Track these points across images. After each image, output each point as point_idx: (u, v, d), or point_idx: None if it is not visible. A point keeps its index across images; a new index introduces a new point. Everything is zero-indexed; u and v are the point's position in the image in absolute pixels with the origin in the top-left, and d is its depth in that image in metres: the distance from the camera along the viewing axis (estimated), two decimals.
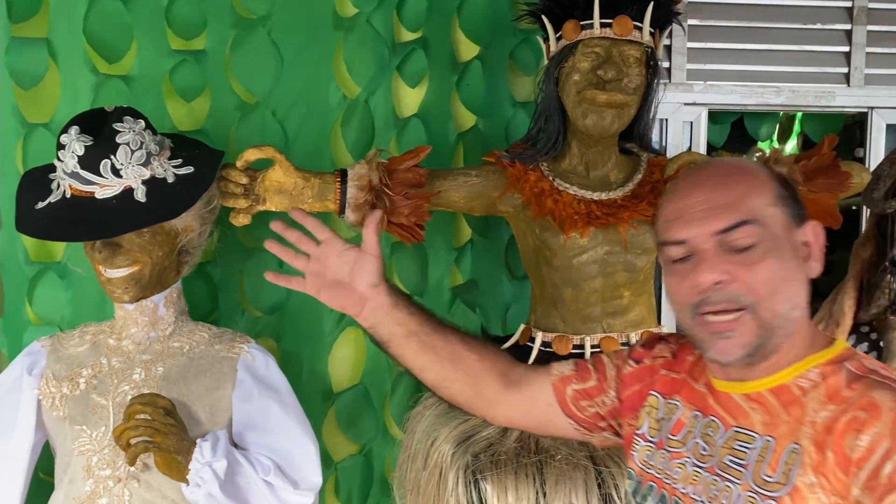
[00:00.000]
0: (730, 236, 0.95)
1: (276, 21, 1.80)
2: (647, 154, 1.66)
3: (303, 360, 1.91)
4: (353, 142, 1.87)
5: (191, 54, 1.77)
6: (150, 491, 1.46)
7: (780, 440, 0.94)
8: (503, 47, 1.96)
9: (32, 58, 1.68)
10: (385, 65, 1.87)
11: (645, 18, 1.51)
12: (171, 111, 1.78)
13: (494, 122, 1.97)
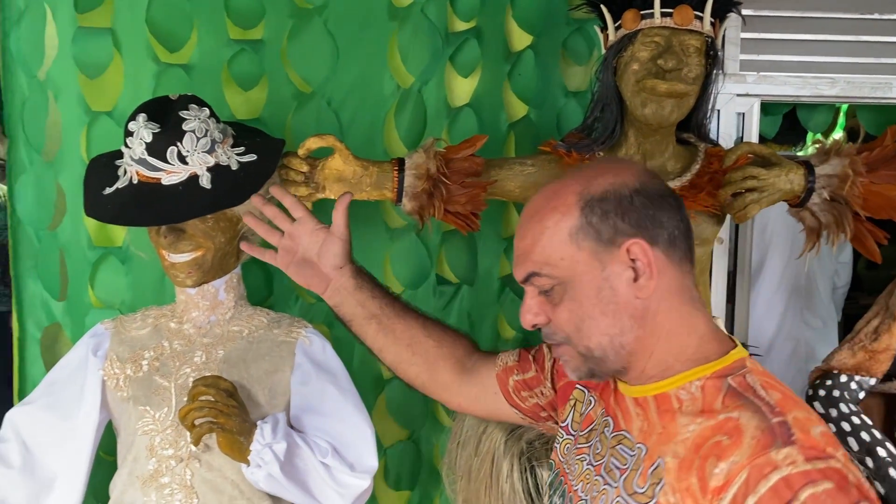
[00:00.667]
0: (532, 282, 0.97)
1: (332, 11, 1.82)
2: (704, 144, 1.65)
3: (354, 346, 1.93)
4: (405, 131, 1.88)
5: (249, 44, 1.80)
6: (211, 471, 1.50)
7: (650, 451, 0.92)
8: (556, 37, 1.96)
9: (97, 47, 1.71)
10: (438, 54, 1.88)
11: (706, 8, 1.50)
12: (230, 100, 1.81)
13: (546, 111, 1.97)
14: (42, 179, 1.77)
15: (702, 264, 1.60)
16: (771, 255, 2.63)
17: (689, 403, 0.91)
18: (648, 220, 0.93)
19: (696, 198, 1.54)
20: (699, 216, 1.56)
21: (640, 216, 0.93)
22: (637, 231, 0.93)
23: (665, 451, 0.89)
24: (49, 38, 1.73)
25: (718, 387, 0.90)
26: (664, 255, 0.94)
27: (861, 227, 1.54)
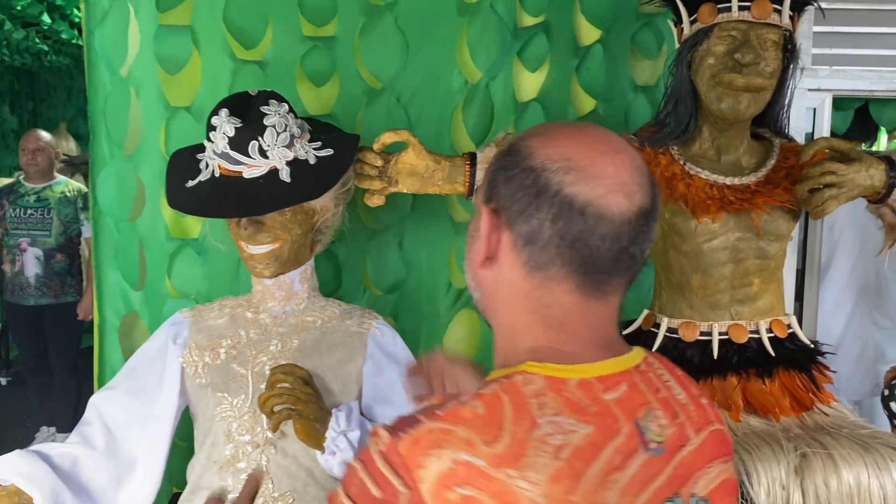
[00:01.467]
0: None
1: (402, 7, 1.84)
2: (779, 139, 1.63)
3: (419, 339, 1.96)
4: (472, 126, 1.89)
5: (322, 41, 1.83)
6: (286, 458, 1.53)
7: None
8: (625, 31, 1.96)
9: (177, 44, 1.76)
10: (507, 49, 1.89)
11: (785, 1, 1.48)
12: (302, 96, 1.85)
13: (614, 106, 1.97)
14: (123, 173, 1.83)
15: (776, 261, 1.58)
16: (839, 252, 2.57)
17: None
18: (522, 205, 0.81)
19: (771, 193, 1.52)
20: (774, 212, 1.54)
21: (518, 195, 0.81)
22: (501, 205, 0.83)
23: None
24: (131, 36, 1.79)
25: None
26: (513, 250, 0.83)
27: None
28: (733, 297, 1.57)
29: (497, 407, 0.77)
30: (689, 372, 1.53)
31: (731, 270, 1.56)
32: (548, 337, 0.84)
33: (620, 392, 0.81)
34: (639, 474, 0.78)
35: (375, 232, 1.91)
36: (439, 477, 0.73)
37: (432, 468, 0.73)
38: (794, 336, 1.61)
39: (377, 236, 1.91)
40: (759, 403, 1.53)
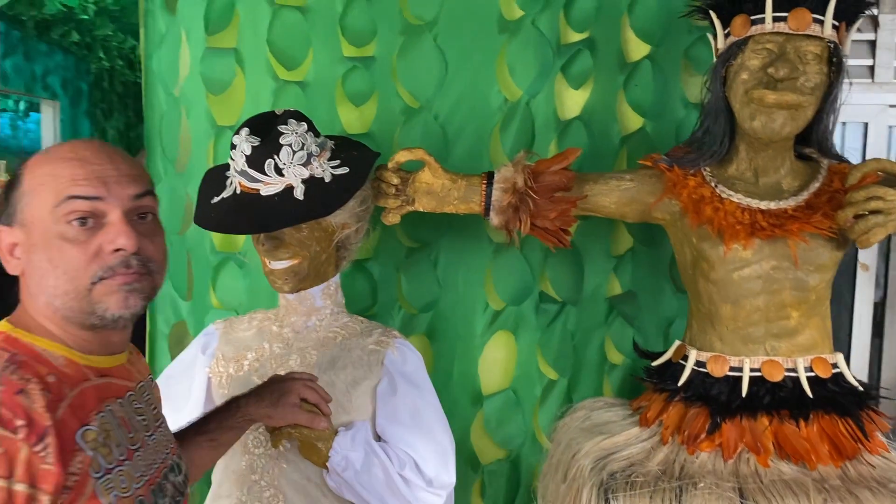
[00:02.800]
0: (146, 201, 1.03)
1: (442, 26, 1.84)
2: (827, 160, 1.49)
3: (454, 360, 1.93)
4: (511, 144, 1.86)
5: (361, 61, 1.86)
6: (297, 472, 1.54)
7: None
8: (677, 46, 1.86)
9: (222, 66, 1.84)
10: (548, 67, 1.85)
11: (827, 11, 1.36)
12: (342, 115, 1.88)
13: (663, 123, 1.87)
14: (174, 188, 1.93)
15: (818, 293, 1.44)
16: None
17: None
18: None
19: (810, 219, 1.39)
20: (814, 240, 1.41)
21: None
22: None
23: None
24: (183, 59, 1.89)
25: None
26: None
27: None
28: (768, 330, 1.45)
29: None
30: (716, 410, 1.44)
31: (764, 302, 1.44)
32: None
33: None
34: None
35: (410, 250, 1.91)
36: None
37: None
38: (839, 377, 1.46)
39: (412, 254, 1.91)
40: (791, 448, 1.40)
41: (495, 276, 1.90)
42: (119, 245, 0.97)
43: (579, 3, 1.86)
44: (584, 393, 1.92)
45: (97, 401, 0.98)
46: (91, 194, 0.97)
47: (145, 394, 1.12)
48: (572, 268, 1.90)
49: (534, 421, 1.95)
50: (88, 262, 0.97)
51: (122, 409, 1.02)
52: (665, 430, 1.49)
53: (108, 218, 0.98)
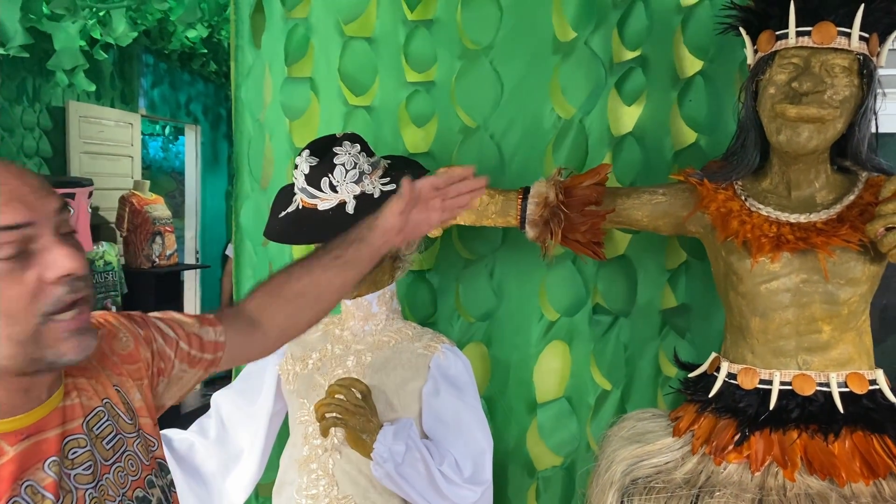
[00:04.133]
0: (65, 216, 0.87)
1: (498, 50, 1.94)
2: (867, 173, 1.47)
3: (510, 367, 2.02)
4: (564, 161, 1.92)
5: (423, 85, 1.99)
6: (350, 464, 1.69)
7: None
8: (730, 60, 1.87)
9: (299, 94, 2.04)
10: (601, 85, 1.90)
11: (854, 24, 1.35)
12: (405, 136, 2.02)
13: (717, 138, 1.88)
14: (259, 204, 2.14)
15: (850, 307, 1.41)
16: None
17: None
18: None
19: (837, 232, 1.38)
20: (845, 253, 1.39)
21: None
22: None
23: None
24: (266, 88, 2.10)
25: None
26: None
27: None
28: (800, 344, 1.44)
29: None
30: (743, 422, 1.45)
31: (794, 315, 1.43)
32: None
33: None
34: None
35: (468, 261, 2.01)
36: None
37: None
38: (877, 393, 1.43)
39: (470, 265, 2.01)
40: (820, 463, 1.39)
41: (549, 287, 1.97)
42: (65, 270, 0.84)
43: (632, 22, 1.91)
44: (637, 404, 1.95)
45: (11, 482, 0.84)
46: (17, 221, 0.81)
47: (97, 426, 0.97)
48: (626, 280, 1.94)
49: (587, 429, 1.99)
50: (31, 300, 0.82)
51: (54, 467, 0.88)
52: (696, 440, 1.51)
53: (39, 243, 0.84)
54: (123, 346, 1.07)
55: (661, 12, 1.89)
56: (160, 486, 1.03)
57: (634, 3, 1.89)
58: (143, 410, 1.06)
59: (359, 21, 1.99)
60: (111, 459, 0.96)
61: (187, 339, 1.17)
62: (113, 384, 1.02)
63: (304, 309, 1.29)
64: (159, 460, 1.06)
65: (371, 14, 2.00)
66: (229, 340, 1.22)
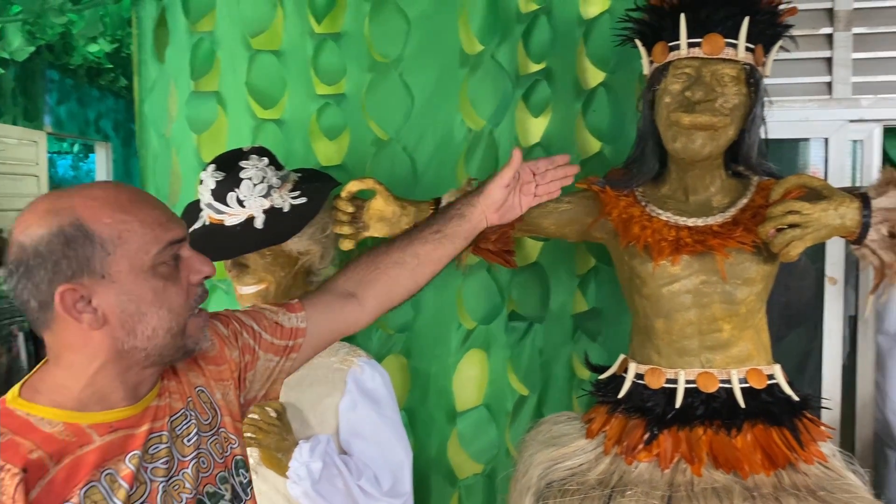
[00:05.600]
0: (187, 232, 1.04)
1: (407, 63, 1.96)
2: (758, 178, 1.54)
3: (429, 378, 2.02)
4: (476, 172, 1.95)
5: (333, 98, 1.99)
6: (266, 483, 1.65)
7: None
8: (631, 71, 1.93)
9: (205, 108, 2.00)
10: (508, 97, 1.94)
11: (740, 35, 1.42)
12: (317, 149, 2.01)
13: (620, 146, 1.94)
14: None
15: (748, 306, 1.48)
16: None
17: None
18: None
19: (732, 234, 1.44)
20: (740, 254, 1.45)
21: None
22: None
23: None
24: (172, 102, 2.05)
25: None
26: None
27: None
28: (702, 343, 1.50)
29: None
30: (652, 421, 1.49)
31: (696, 315, 1.49)
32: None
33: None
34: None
35: None
36: None
37: None
38: (776, 387, 1.49)
39: None
40: (724, 458, 1.44)
41: (466, 296, 1.99)
42: (204, 273, 1.02)
43: (536, 35, 1.95)
44: (554, 407, 1.98)
45: (92, 467, 0.93)
46: (180, 237, 1.01)
47: (180, 426, 1.06)
48: (538, 287, 1.98)
49: (506, 435, 2.01)
50: (184, 298, 1.00)
51: (134, 461, 0.97)
52: (608, 440, 1.55)
53: (184, 252, 1.01)
54: (209, 349, 1.16)
55: (564, 25, 1.94)
56: (233, 483, 1.10)
57: (538, 16, 1.93)
58: (224, 410, 1.14)
59: (265, 34, 1.98)
60: (188, 456, 1.04)
61: (271, 329, 1.25)
62: (196, 386, 1.12)
63: (402, 278, 1.36)
64: (237, 458, 1.13)
65: (278, 27, 1.99)
66: (314, 322, 1.28)
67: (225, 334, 1.20)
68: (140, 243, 0.96)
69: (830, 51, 1.96)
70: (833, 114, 1.96)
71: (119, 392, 0.99)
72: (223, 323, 1.21)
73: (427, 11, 1.94)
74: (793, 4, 1.48)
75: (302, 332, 1.27)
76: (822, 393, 2.01)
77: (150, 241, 0.97)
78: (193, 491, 1.02)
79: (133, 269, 0.96)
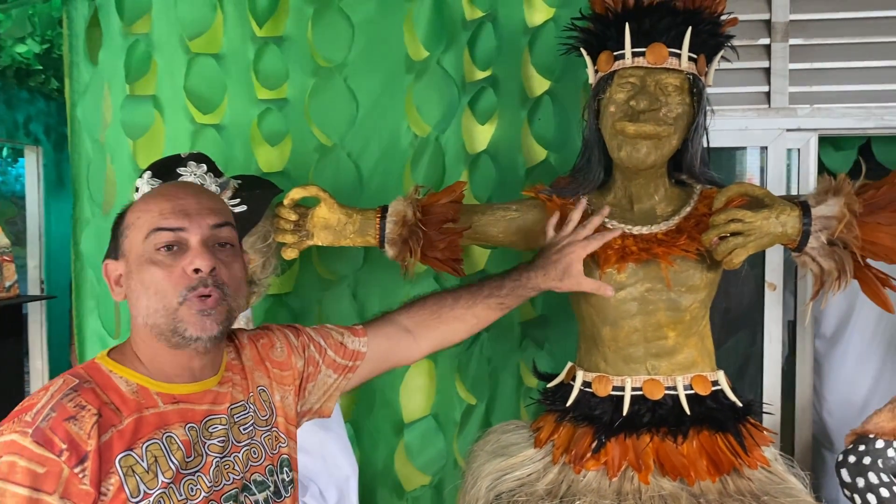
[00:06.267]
0: (223, 231, 1.13)
1: (351, 68, 1.92)
2: (700, 186, 1.56)
3: (376, 390, 1.99)
4: (423, 179, 1.93)
5: (275, 103, 1.94)
6: None
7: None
8: (576, 80, 1.94)
9: (141, 112, 1.93)
10: (455, 104, 1.93)
11: (683, 45, 1.43)
12: (258, 155, 1.96)
13: (566, 155, 1.94)
14: (101, 230, 2.00)
15: (692, 313, 1.49)
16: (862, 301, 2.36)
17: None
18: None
19: (676, 242, 1.45)
20: (684, 262, 1.46)
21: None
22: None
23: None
24: (106, 106, 1.98)
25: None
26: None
27: (867, 274, 1.38)
28: (648, 350, 1.50)
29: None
30: (600, 429, 1.49)
31: (641, 323, 1.49)
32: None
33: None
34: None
35: (329, 283, 1.97)
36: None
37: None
38: (720, 394, 1.51)
39: (331, 287, 1.97)
40: (671, 465, 1.44)
41: None
42: (196, 266, 1.08)
43: (482, 43, 1.94)
44: (502, 416, 1.97)
45: (154, 427, 1.06)
46: (174, 226, 1.09)
47: (239, 414, 1.18)
48: None
49: (454, 446, 1.99)
50: (175, 283, 1.07)
51: (191, 433, 1.09)
52: (556, 449, 1.54)
53: (190, 244, 1.09)
54: (278, 355, 1.30)
55: (510, 33, 1.94)
56: (277, 479, 1.20)
57: (484, 23, 1.92)
58: (281, 411, 1.25)
59: (205, 37, 1.92)
60: (243, 442, 1.16)
61: (335, 346, 1.37)
62: (259, 385, 1.24)
63: (458, 332, 1.49)
64: (283, 457, 1.23)
65: (217, 30, 1.93)
66: (374, 347, 1.40)
67: (295, 344, 1.33)
68: (142, 228, 1.09)
69: (768, 61, 2.00)
70: (771, 123, 2.00)
71: (174, 369, 1.11)
72: (294, 334, 1.35)
73: (372, 16, 1.92)
74: (733, 15, 1.50)
75: (362, 355, 1.39)
76: (763, 397, 2.05)
77: (146, 227, 1.09)
78: (242, 474, 1.14)
79: (134, 250, 1.10)
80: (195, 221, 1.11)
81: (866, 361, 2.39)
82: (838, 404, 2.40)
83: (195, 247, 1.09)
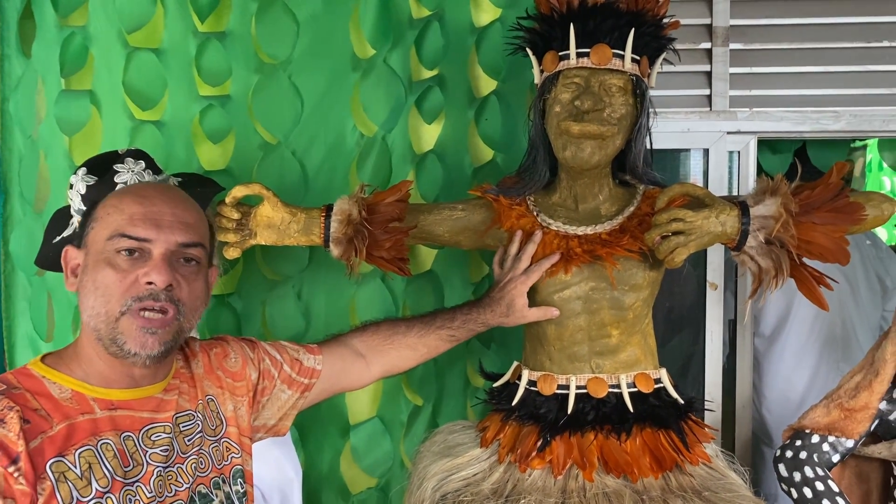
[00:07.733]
0: (191, 251, 1.12)
1: (296, 65, 1.89)
2: (643, 186, 1.58)
3: None
4: (369, 178, 1.91)
5: (217, 99, 1.90)
6: None
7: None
8: (522, 80, 1.95)
9: (77, 107, 1.86)
10: (401, 103, 1.91)
11: (626, 46, 1.45)
12: (200, 152, 1.91)
13: (512, 155, 1.95)
14: (33, 229, 1.93)
15: (635, 312, 1.51)
16: (799, 301, 2.43)
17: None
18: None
19: (620, 242, 1.47)
20: (627, 262, 1.48)
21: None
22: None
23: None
24: (39, 101, 1.91)
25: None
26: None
27: (803, 273, 1.41)
28: (592, 349, 1.52)
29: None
30: (545, 428, 1.49)
31: (586, 321, 1.50)
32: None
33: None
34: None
35: (274, 283, 1.94)
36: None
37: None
38: (662, 391, 1.53)
39: (276, 287, 1.94)
40: (615, 462, 1.46)
41: (359, 305, 1.95)
42: (150, 279, 1.06)
43: (429, 41, 1.94)
44: (449, 417, 1.96)
45: (88, 434, 1.03)
46: (140, 236, 1.08)
47: (185, 423, 1.16)
48: (433, 295, 1.96)
49: (401, 447, 1.98)
50: (124, 290, 1.06)
51: (129, 441, 1.07)
52: (501, 449, 1.54)
53: (153, 255, 1.08)
54: (232, 365, 1.29)
55: (456, 32, 1.94)
56: (227, 491, 1.18)
57: (430, 22, 1.92)
58: (233, 421, 1.24)
59: (144, 31, 1.86)
60: (188, 453, 1.13)
61: (290, 362, 1.37)
62: (208, 395, 1.22)
63: (409, 360, 1.52)
64: (236, 468, 1.21)
65: (158, 24, 1.88)
66: (328, 367, 1.40)
67: (250, 356, 1.32)
68: (108, 227, 1.08)
69: (710, 65, 2.04)
70: (712, 125, 2.04)
71: (113, 374, 1.09)
72: (250, 347, 1.34)
73: (317, 13, 1.89)
74: (675, 18, 1.53)
75: (318, 373, 1.39)
76: (704, 394, 2.09)
77: (111, 228, 1.07)
78: (187, 486, 1.11)
79: (95, 246, 1.08)
80: (163, 234, 1.09)
81: (803, 359, 2.46)
82: (777, 401, 2.46)
83: (156, 259, 1.08)
